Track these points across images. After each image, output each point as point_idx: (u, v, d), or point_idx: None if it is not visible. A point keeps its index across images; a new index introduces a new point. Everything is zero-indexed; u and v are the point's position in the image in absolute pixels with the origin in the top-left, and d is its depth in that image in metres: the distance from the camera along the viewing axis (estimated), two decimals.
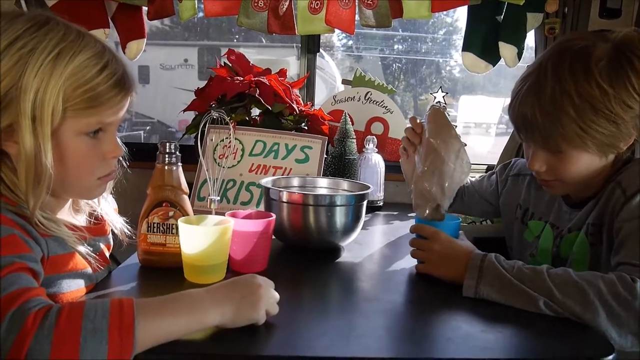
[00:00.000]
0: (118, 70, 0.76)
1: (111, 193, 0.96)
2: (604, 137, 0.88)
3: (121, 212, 1.01)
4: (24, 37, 0.70)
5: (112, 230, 0.95)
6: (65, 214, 0.85)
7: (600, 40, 0.90)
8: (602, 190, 0.95)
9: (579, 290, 0.76)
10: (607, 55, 0.87)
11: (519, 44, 1.56)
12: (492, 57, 1.62)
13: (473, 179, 1.34)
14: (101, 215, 0.92)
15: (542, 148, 0.95)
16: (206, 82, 1.57)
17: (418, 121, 1.08)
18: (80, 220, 0.88)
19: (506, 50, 1.57)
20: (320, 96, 2.06)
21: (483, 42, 1.61)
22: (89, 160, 0.79)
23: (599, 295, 0.75)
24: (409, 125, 1.10)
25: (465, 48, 1.64)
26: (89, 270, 0.82)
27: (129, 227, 0.97)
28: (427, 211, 0.99)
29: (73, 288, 0.79)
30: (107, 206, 0.95)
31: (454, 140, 0.99)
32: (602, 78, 0.86)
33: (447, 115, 1.04)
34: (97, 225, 0.91)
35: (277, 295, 0.74)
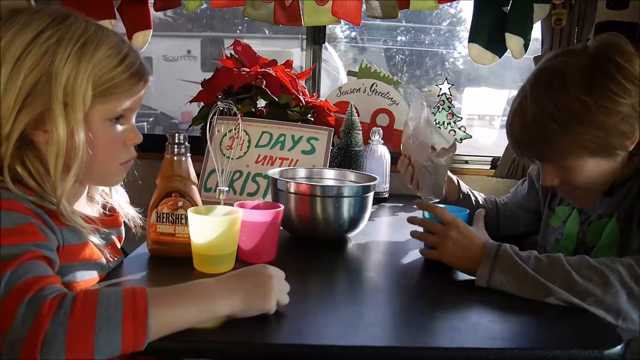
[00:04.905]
0: (136, 60, 0.80)
1: (121, 184, 0.97)
2: (595, 144, 0.88)
3: (130, 203, 1.02)
4: (49, 29, 0.73)
5: (124, 222, 0.96)
6: (81, 205, 0.86)
7: (576, 54, 0.90)
8: (636, 177, 0.94)
9: (598, 274, 0.78)
10: (582, 67, 0.87)
11: (526, 36, 1.55)
12: (498, 48, 1.61)
13: (504, 198, 1.31)
14: (114, 207, 0.94)
15: (544, 163, 0.96)
16: (210, 73, 1.56)
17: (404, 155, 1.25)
18: (94, 211, 0.90)
19: (512, 41, 1.56)
20: (324, 88, 2.05)
21: (489, 33, 1.60)
22: (114, 146, 0.82)
23: (619, 278, 0.77)
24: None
25: (472, 39, 1.62)
26: (103, 260, 0.84)
27: (142, 217, 0.98)
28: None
29: (87, 278, 0.80)
30: (119, 198, 0.96)
31: (426, 146, 1.13)
32: (579, 90, 0.86)
33: (424, 108, 1.15)
34: (110, 217, 0.92)
35: (287, 286, 0.75)
